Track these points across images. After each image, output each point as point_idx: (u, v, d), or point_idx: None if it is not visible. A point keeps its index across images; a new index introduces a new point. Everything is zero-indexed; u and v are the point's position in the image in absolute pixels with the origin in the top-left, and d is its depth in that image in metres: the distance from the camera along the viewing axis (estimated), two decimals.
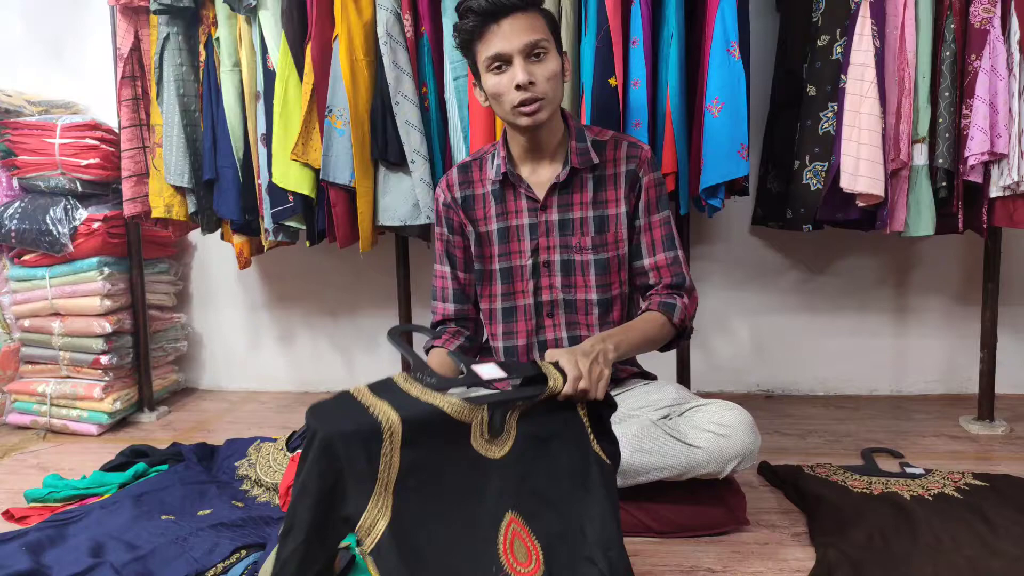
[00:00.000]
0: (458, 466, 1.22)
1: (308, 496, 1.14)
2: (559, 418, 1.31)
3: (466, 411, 1.23)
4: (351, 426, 1.16)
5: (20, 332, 2.74)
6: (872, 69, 2.01)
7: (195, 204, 2.55)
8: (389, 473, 1.17)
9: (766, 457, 2.06)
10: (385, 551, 1.14)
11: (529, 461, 1.27)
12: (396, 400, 1.20)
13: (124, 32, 2.53)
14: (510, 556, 1.20)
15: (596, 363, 1.34)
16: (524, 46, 1.54)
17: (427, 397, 1.23)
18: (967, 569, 1.47)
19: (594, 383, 1.31)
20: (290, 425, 2.39)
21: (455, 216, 1.79)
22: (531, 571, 1.20)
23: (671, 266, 1.69)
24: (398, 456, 1.17)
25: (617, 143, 1.71)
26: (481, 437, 1.25)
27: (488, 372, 1.31)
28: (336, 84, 2.24)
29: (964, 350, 2.70)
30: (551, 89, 1.58)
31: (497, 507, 1.23)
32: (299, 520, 1.14)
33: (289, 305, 3.12)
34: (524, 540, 1.22)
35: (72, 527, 1.75)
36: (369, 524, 1.15)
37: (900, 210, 2.15)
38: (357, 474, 1.15)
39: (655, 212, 1.70)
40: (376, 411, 1.17)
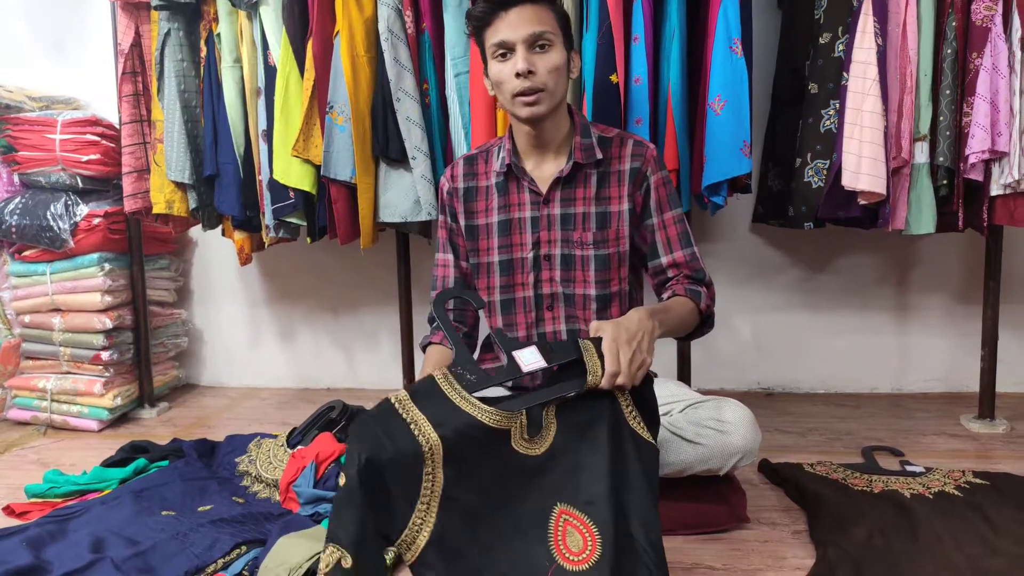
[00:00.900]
0: (501, 471, 1.25)
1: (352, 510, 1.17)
2: (596, 406, 1.30)
3: (505, 419, 1.26)
4: (395, 452, 1.20)
5: (21, 328, 2.74)
6: (874, 67, 2.01)
7: (196, 200, 2.55)
8: (433, 489, 1.22)
9: (767, 455, 2.06)
10: (433, 560, 1.18)
11: (573, 450, 1.28)
12: (437, 411, 1.24)
13: (125, 28, 2.53)
14: (562, 546, 1.22)
15: (639, 351, 1.32)
16: (528, 36, 1.56)
17: (467, 405, 1.26)
18: (967, 567, 1.47)
19: (632, 375, 1.30)
20: (290, 421, 2.39)
21: (456, 205, 1.80)
22: (584, 559, 1.20)
23: (690, 262, 1.68)
24: (441, 473, 1.22)
25: (622, 140, 1.71)
26: (521, 439, 1.27)
27: (529, 360, 1.31)
28: (337, 80, 2.24)
29: (965, 348, 2.69)
30: (551, 81, 1.59)
31: (544, 503, 1.25)
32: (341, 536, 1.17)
33: (290, 301, 3.12)
34: (578, 528, 1.23)
35: (73, 523, 1.75)
36: (410, 540, 1.20)
37: (901, 208, 2.14)
38: (402, 494, 1.20)
39: (667, 210, 1.70)
40: (417, 430, 1.22)
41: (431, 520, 1.21)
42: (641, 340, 1.35)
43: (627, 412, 1.31)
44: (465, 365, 1.31)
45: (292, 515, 1.77)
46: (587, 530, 1.22)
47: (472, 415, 1.25)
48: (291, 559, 1.49)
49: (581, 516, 1.24)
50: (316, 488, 1.82)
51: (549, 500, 1.25)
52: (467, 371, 1.30)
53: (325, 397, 2.55)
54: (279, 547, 1.54)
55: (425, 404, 1.25)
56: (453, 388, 1.28)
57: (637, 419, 1.31)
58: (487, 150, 1.81)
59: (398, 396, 1.26)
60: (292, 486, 1.84)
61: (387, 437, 1.21)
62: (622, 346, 1.31)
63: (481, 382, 1.29)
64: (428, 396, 1.27)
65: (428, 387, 1.28)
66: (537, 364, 1.31)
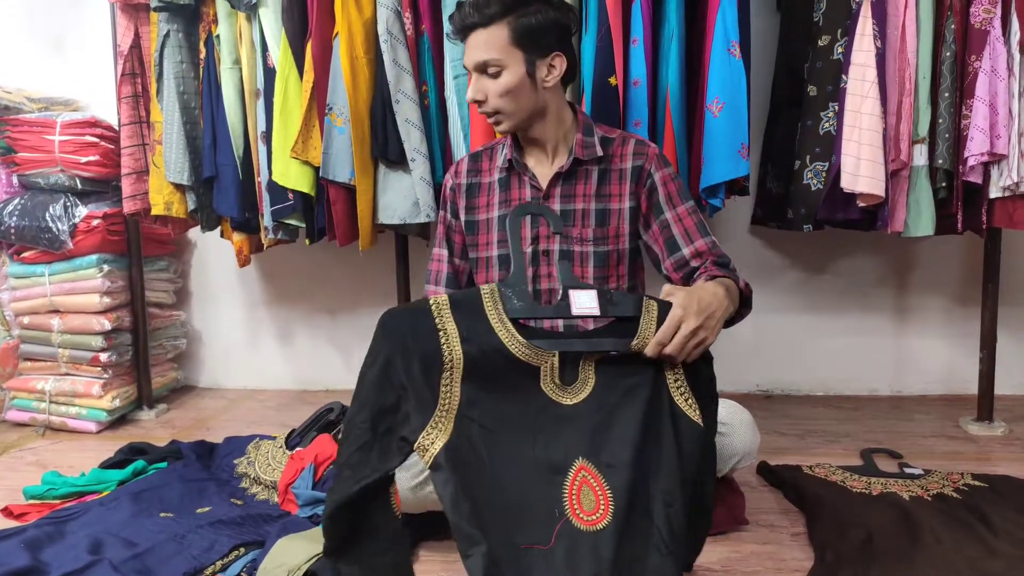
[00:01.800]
0: (524, 406, 1.23)
1: (365, 409, 1.20)
2: (641, 371, 1.26)
3: (534, 355, 1.23)
4: (415, 348, 1.19)
5: (19, 329, 2.73)
6: (873, 69, 2.01)
7: (195, 202, 2.55)
8: (450, 402, 1.20)
9: (765, 457, 2.06)
10: (441, 469, 1.17)
11: (607, 411, 1.24)
12: (469, 325, 1.22)
13: (124, 29, 2.53)
14: (575, 502, 1.20)
15: (703, 328, 1.27)
16: (476, 64, 1.61)
17: (500, 329, 1.23)
18: (966, 569, 1.47)
19: (685, 350, 1.25)
20: (289, 423, 2.39)
21: (458, 200, 1.80)
22: (594, 520, 1.19)
23: (713, 249, 1.64)
24: (459, 388, 1.21)
25: (624, 140, 1.72)
26: (552, 382, 1.24)
27: (583, 303, 1.27)
28: (336, 82, 2.24)
29: (964, 351, 2.69)
30: (503, 104, 1.61)
31: (567, 452, 1.22)
32: (356, 431, 1.19)
33: (288, 303, 3.12)
34: (594, 489, 1.21)
35: (71, 524, 1.75)
36: (428, 443, 1.18)
37: (900, 210, 2.14)
38: (417, 396, 1.19)
39: (680, 203, 1.67)
40: (444, 337, 1.20)
41: (446, 432, 1.19)
42: (710, 316, 1.30)
43: (673, 386, 1.27)
44: (516, 287, 1.26)
45: (291, 516, 1.77)
46: (602, 493, 1.21)
47: (502, 340, 1.22)
48: (290, 560, 1.49)
49: (599, 477, 1.21)
50: (315, 490, 1.82)
51: (572, 452, 1.22)
52: (515, 295, 1.25)
53: (324, 398, 2.55)
54: (278, 549, 1.54)
55: (461, 315, 1.22)
56: (495, 307, 1.24)
57: (685, 396, 1.26)
58: (492, 147, 1.82)
59: (438, 300, 1.24)
60: (291, 488, 1.84)
61: (413, 337, 1.20)
62: (689, 317, 1.26)
63: (525, 310, 1.25)
64: (467, 308, 1.23)
65: (471, 299, 1.25)
66: (590, 310, 1.26)
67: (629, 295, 1.30)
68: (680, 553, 1.19)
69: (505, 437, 1.22)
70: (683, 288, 1.32)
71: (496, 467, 1.20)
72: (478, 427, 1.21)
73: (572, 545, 1.17)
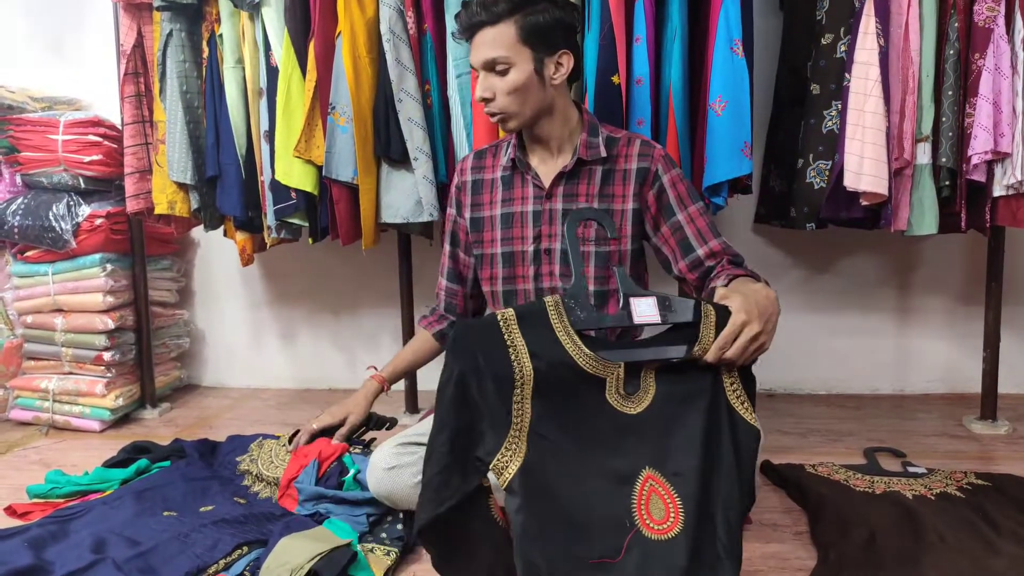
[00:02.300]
0: (592, 419, 1.22)
1: (445, 430, 1.20)
2: (700, 377, 1.26)
3: (601, 367, 1.23)
4: (487, 366, 1.20)
5: (23, 328, 2.74)
6: (876, 67, 2.01)
7: (198, 201, 2.56)
8: (522, 420, 1.20)
9: (768, 456, 2.06)
10: (517, 489, 1.17)
11: (669, 419, 1.24)
12: (537, 340, 1.22)
13: (127, 28, 2.53)
14: (644, 512, 1.20)
15: (764, 332, 1.27)
16: (483, 62, 1.60)
17: (567, 341, 1.23)
18: (970, 568, 1.46)
19: (745, 355, 1.25)
20: (292, 422, 2.39)
21: (464, 197, 1.81)
22: (665, 529, 1.19)
23: (727, 249, 1.64)
24: (530, 404, 1.20)
25: (630, 141, 1.72)
26: (617, 393, 1.24)
27: (644, 311, 1.26)
28: (339, 81, 2.24)
29: (967, 349, 2.69)
30: (510, 102, 1.61)
31: (634, 462, 1.22)
32: (436, 453, 1.20)
33: (291, 302, 3.12)
34: (663, 497, 1.21)
35: (74, 523, 1.75)
36: (503, 465, 1.18)
37: (903, 209, 2.14)
38: (491, 415, 1.19)
39: (690, 204, 1.67)
40: (515, 355, 1.20)
41: (520, 453, 1.19)
42: (768, 320, 1.29)
43: (730, 390, 1.27)
44: (578, 299, 1.26)
45: (294, 516, 1.77)
46: (671, 501, 1.20)
47: (570, 353, 1.22)
48: (293, 559, 1.49)
49: (667, 486, 1.21)
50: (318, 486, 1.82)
51: (639, 462, 1.22)
52: (578, 306, 1.25)
53: (326, 398, 2.56)
54: (281, 548, 1.54)
55: (529, 330, 1.22)
56: (560, 320, 1.24)
57: (742, 399, 1.27)
58: (497, 145, 1.82)
59: (505, 315, 1.23)
60: (294, 482, 1.84)
61: (483, 356, 1.20)
62: (752, 322, 1.25)
63: (590, 321, 1.25)
64: (534, 322, 1.23)
65: (536, 312, 1.25)
66: (651, 318, 1.26)
67: (686, 300, 1.29)
68: (737, 555, 1.19)
69: (575, 451, 1.22)
70: (738, 292, 1.32)
71: (566, 483, 1.20)
72: (549, 443, 1.20)
73: (643, 555, 1.17)
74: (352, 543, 1.60)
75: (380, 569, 1.56)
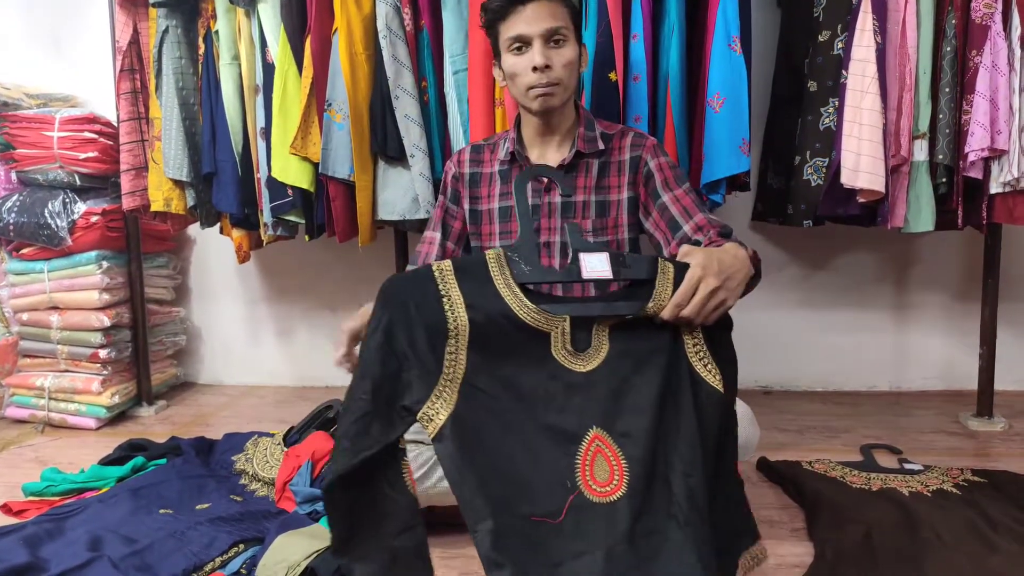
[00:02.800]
0: (534, 374, 1.18)
1: (366, 380, 1.15)
2: (657, 334, 1.21)
3: (543, 320, 1.18)
4: (417, 316, 1.15)
5: (18, 326, 2.73)
6: (873, 64, 2.01)
7: (194, 198, 2.55)
8: (455, 370, 1.16)
9: (765, 453, 2.06)
10: (446, 440, 1.14)
11: (622, 378, 1.19)
12: (474, 292, 1.17)
13: (123, 25, 2.52)
14: (588, 473, 1.16)
15: (723, 288, 1.22)
16: (545, 31, 1.58)
17: (508, 294, 1.18)
18: (966, 565, 1.47)
19: (703, 312, 1.20)
20: (288, 420, 2.39)
21: (461, 189, 1.80)
22: (609, 491, 1.15)
23: (713, 223, 1.60)
24: (464, 356, 1.16)
25: (623, 133, 1.74)
26: (564, 349, 1.20)
27: (594, 266, 1.21)
28: (335, 78, 2.23)
29: (963, 346, 2.69)
30: (566, 76, 1.61)
31: (580, 421, 1.18)
32: (357, 401, 1.15)
33: (288, 299, 3.12)
34: (608, 459, 1.17)
35: (70, 521, 1.75)
36: (432, 413, 1.15)
37: (900, 206, 2.14)
38: (421, 365, 1.15)
39: (676, 187, 1.66)
40: (449, 305, 1.16)
41: (451, 402, 1.15)
42: (731, 277, 1.25)
43: (692, 351, 1.22)
44: (523, 252, 1.21)
45: (290, 513, 1.77)
46: (616, 463, 1.17)
47: (510, 305, 1.18)
48: (290, 557, 1.49)
49: (614, 447, 1.17)
50: (312, 487, 1.82)
51: (586, 421, 1.18)
52: (523, 259, 1.21)
53: (323, 395, 2.55)
54: (277, 545, 1.54)
55: (466, 281, 1.18)
56: (501, 272, 1.20)
57: (705, 361, 1.22)
58: (494, 142, 1.82)
59: (441, 266, 1.19)
60: (288, 485, 1.83)
61: (415, 305, 1.16)
62: (708, 277, 1.21)
63: (534, 275, 1.20)
64: (472, 273, 1.19)
65: (476, 264, 1.20)
66: (601, 274, 1.20)
67: (643, 256, 1.24)
68: (700, 526, 1.14)
69: (514, 406, 1.18)
70: (702, 248, 1.27)
71: (504, 437, 1.16)
72: (485, 396, 1.16)
73: (585, 517, 1.14)
74: None
75: None
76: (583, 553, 1.12)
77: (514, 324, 1.17)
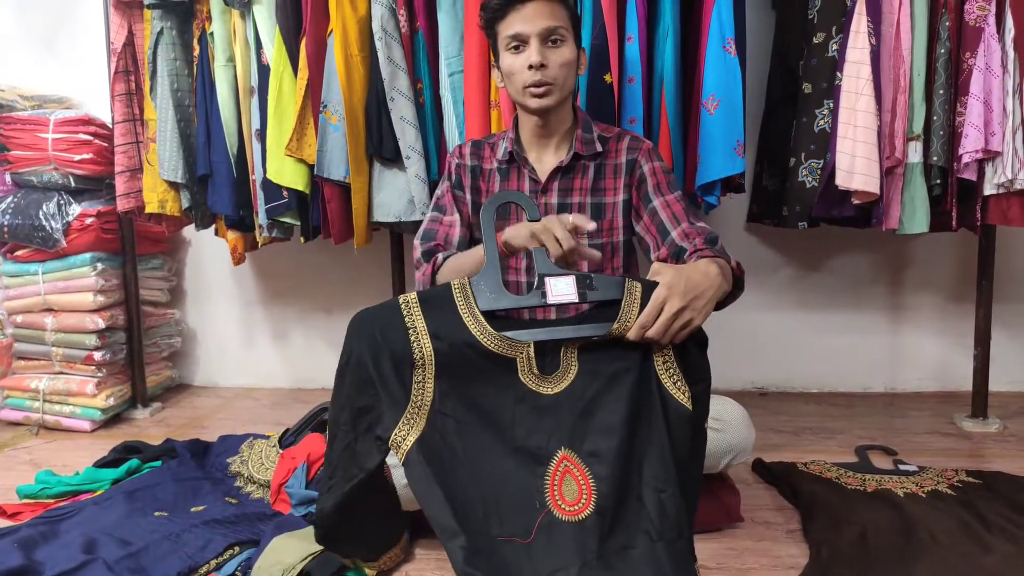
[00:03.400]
0: (501, 399, 1.21)
1: (346, 410, 1.22)
2: (627, 354, 1.23)
3: (507, 347, 1.21)
4: (385, 347, 1.20)
5: (12, 328, 2.72)
6: (868, 66, 2.01)
7: (189, 200, 2.54)
8: (423, 398, 1.20)
9: (760, 454, 2.06)
10: (413, 464, 1.18)
11: (591, 399, 1.22)
12: (440, 321, 1.21)
13: (118, 26, 2.52)
14: (556, 493, 1.19)
15: (690, 308, 1.23)
16: (542, 30, 1.59)
17: (472, 322, 1.21)
18: (961, 566, 1.47)
19: (669, 332, 1.21)
20: (284, 422, 2.38)
21: (464, 178, 1.79)
22: (577, 510, 1.18)
23: (700, 231, 1.61)
24: (432, 384, 1.20)
25: (620, 136, 1.74)
26: (531, 373, 1.22)
27: (559, 290, 1.23)
28: (331, 79, 2.23)
29: (958, 348, 2.70)
30: (562, 76, 1.62)
31: (548, 443, 1.21)
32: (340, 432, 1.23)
33: (283, 301, 3.11)
34: (576, 479, 1.20)
35: (65, 523, 1.74)
36: (400, 439, 1.19)
37: (895, 208, 2.15)
38: (389, 394, 1.19)
39: (668, 192, 1.67)
40: (415, 336, 1.20)
41: (419, 428, 1.19)
42: (698, 297, 1.25)
43: (662, 369, 1.23)
44: (487, 280, 1.24)
45: (285, 515, 1.77)
46: (584, 482, 1.19)
47: (473, 334, 1.21)
48: (285, 559, 1.49)
49: (582, 467, 1.20)
50: (308, 488, 1.82)
51: (554, 442, 1.21)
52: (487, 287, 1.23)
53: (319, 397, 2.55)
54: (273, 547, 1.54)
55: (431, 312, 1.22)
56: (466, 301, 1.23)
57: (675, 379, 1.23)
58: (493, 141, 1.83)
59: (407, 298, 1.23)
60: (284, 487, 1.83)
61: (382, 336, 1.20)
62: (673, 297, 1.22)
63: (498, 301, 1.23)
64: (438, 304, 1.23)
65: (441, 295, 1.24)
66: (567, 297, 1.23)
67: (610, 278, 1.26)
68: (673, 538, 1.16)
69: (480, 430, 1.21)
70: (672, 267, 1.28)
71: (472, 461, 1.20)
72: (453, 422, 1.20)
73: (555, 535, 1.16)
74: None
75: (372, 568, 1.55)
76: (556, 570, 1.15)
77: (478, 352, 1.21)
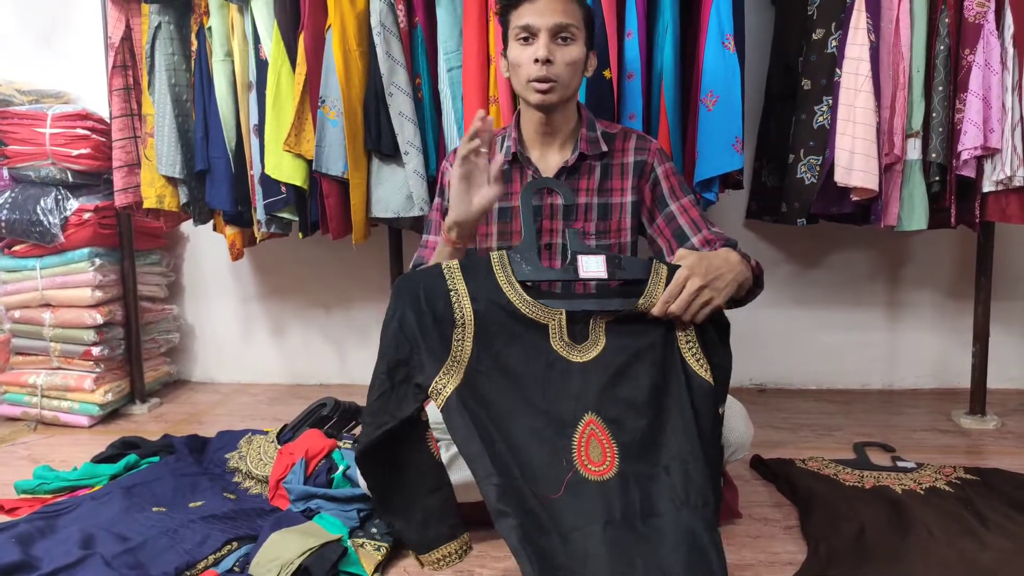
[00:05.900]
0: (534, 362, 1.30)
1: (383, 361, 1.31)
2: (652, 330, 1.32)
3: (541, 313, 1.30)
4: (428, 307, 1.30)
5: (10, 323, 2.72)
6: (867, 63, 2.01)
7: (187, 195, 2.54)
8: (461, 355, 1.29)
9: (759, 451, 2.06)
10: (451, 410, 1.25)
11: (617, 371, 1.29)
12: (478, 287, 1.31)
13: (115, 21, 2.51)
14: (583, 453, 1.26)
15: (710, 288, 1.31)
16: (553, 25, 1.58)
17: (508, 289, 1.31)
18: (958, 562, 1.47)
19: (691, 309, 1.30)
20: (282, 417, 2.38)
21: None
22: (602, 471, 1.25)
23: (720, 236, 1.63)
24: (470, 343, 1.29)
25: (626, 135, 1.73)
26: (561, 340, 1.31)
27: (590, 267, 1.33)
28: (329, 74, 2.22)
29: (956, 345, 2.70)
30: (567, 74, 1.60)
31: (576, 406, 1.28)
32: (377, 380, 1.31)
33: (282, 297, 3.11)
34: (601, 442, 1.27)
35: (62, 519, 1.74)
36: (439, 388, 1.27)
37: (893, 204, 2.15)
38: (430, 349, 1.29)
39: (683, 196, 1.68)
40: (455, 296, 1.31)
41: (458, 378, 1.27)
42: (718, 278, 1.34)
43: (684, 346, 1.32)
44: (525, 252, 1.34)
45: (283, 511, 1.77)
46: (608, 445, 1.26)
47: (510, 299, 1.31)
48: (283, 555, 1.49)
49: (606, 431, 1.27)
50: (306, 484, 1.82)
51: (581, 406, 1.28)
52: (524, 259, 1.33)
53: (317, 393, 2.55)
54: (271, 543, 1.54)
55: (471, 277, 1.32)
56: (503, 270, 1.32)
57: (697, 356, 1.32)
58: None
59: (450, 264, 1.34)
60: (282, 483, 1.83)
61: (425, 295, 1.30)
62: (695, 276, 1.30)
63: (533, 273, 1.33)
64: (477, 271, 1.32)
65: (481, 263, 1.34)
66: (598, 274, 1.32)
67: (639, 260, 1.35)
68: (699, 505, 1.22)
69: (514, 388, 1.28)
70: (695, 252, 1.35)
71: (505, 416, 1.27)
72: (487, 379, 1.28)
73: (582, 493, 1.22)
74: (343, 538, 1.60)
75: (370, 564, 1.55)
76: (583, 526, 1.21)
77: (514, 316, 1.31)
